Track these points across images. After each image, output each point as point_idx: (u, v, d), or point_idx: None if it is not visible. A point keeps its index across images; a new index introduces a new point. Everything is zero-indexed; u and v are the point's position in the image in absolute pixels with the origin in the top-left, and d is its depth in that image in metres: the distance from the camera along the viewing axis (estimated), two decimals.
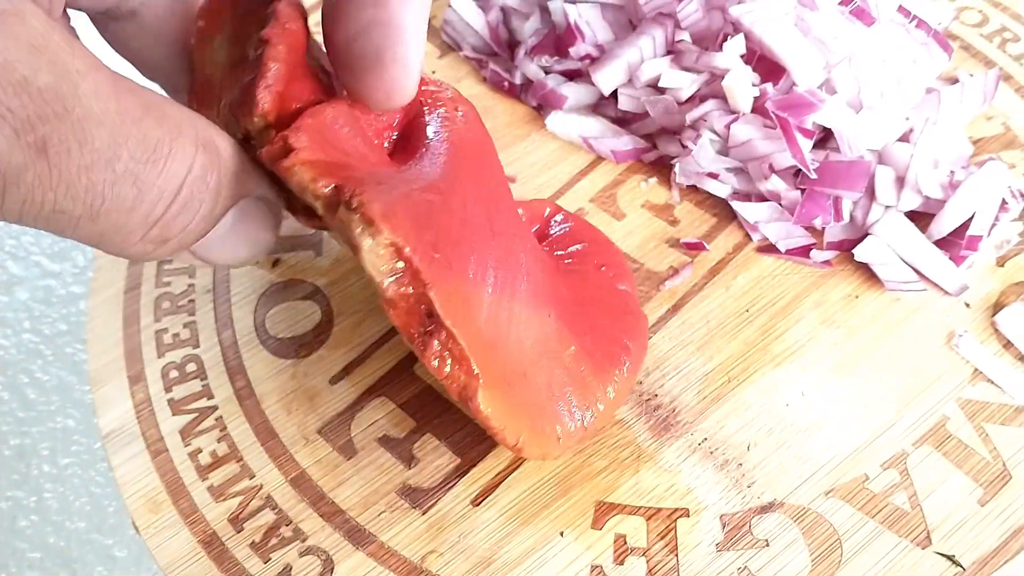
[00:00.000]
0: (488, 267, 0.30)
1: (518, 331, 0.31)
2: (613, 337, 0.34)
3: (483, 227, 0.30)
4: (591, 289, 0.35)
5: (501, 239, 0.31)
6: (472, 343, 0.29)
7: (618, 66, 0.43)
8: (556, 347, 0.32)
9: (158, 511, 0.35)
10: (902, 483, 0.34)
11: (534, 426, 0.31)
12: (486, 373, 0.29)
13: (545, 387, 0.32)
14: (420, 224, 0.28)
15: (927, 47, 0.42)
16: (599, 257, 0.37)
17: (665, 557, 0.33)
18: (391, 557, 0.33)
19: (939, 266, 0.38)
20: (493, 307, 0.30)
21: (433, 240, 0.28)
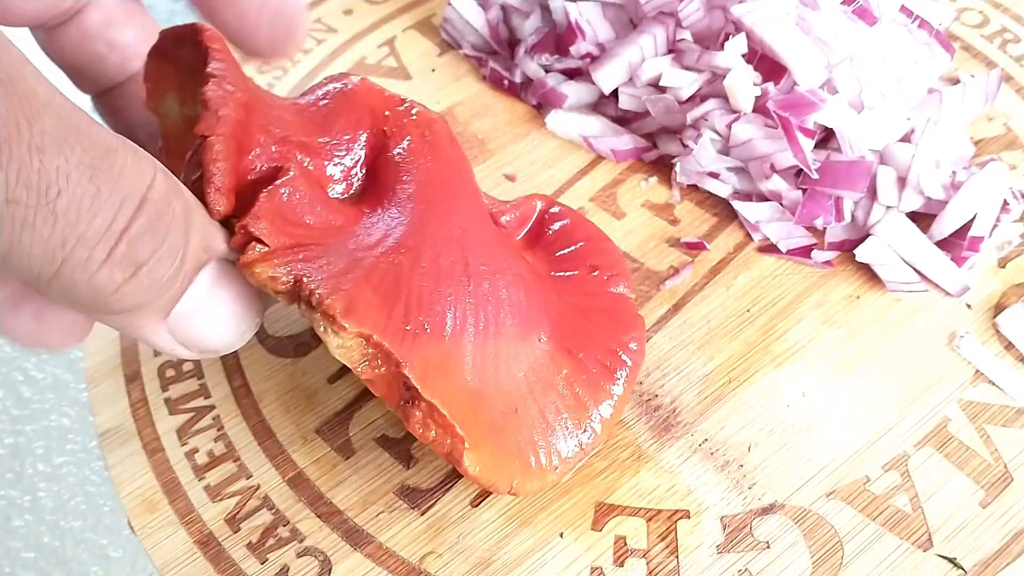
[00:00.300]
0: (467, 316, 0.30)
1: (507, 367, 0.31)
2: (608, 348, 0.33)
3: (458, 274, 0.30)
4: (584, 296, 0.34)
5: (479, 279, 0.30)
6: (454, 407, 0.29)
7: (619, 65, 0.43)
8: (548, 373, 0.32)
9: (154, 511, 0.34)
10: (903, 485, 0.33)
11: (528, 464, 0.31)
12: (472, 432, 0.29)
13: (539, 418, 0.31)
14: (388, 301, 0.28)
15: (929, 47, 0.42)
16: (593, 258, 0.36)
17: (665, 559, 0.32)
18: (389, 558, 0.33)
19: (940, 267, 0.38)
20: (477, 355, 0.30)
21: (403, 312, 0.28)
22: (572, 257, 0.35)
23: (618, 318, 0.34)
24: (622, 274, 0.36)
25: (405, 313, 0.28)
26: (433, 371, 0.28)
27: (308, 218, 0.29)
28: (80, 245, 0.21)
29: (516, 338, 0.31)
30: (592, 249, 0.36)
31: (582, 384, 0.32)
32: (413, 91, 0.47)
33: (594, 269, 0.35)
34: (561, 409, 0.31)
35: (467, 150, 0.44)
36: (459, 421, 0.29)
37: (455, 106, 0.46)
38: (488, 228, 0.33)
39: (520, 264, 0.33)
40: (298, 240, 0.28)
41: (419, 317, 0.28)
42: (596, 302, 0.34)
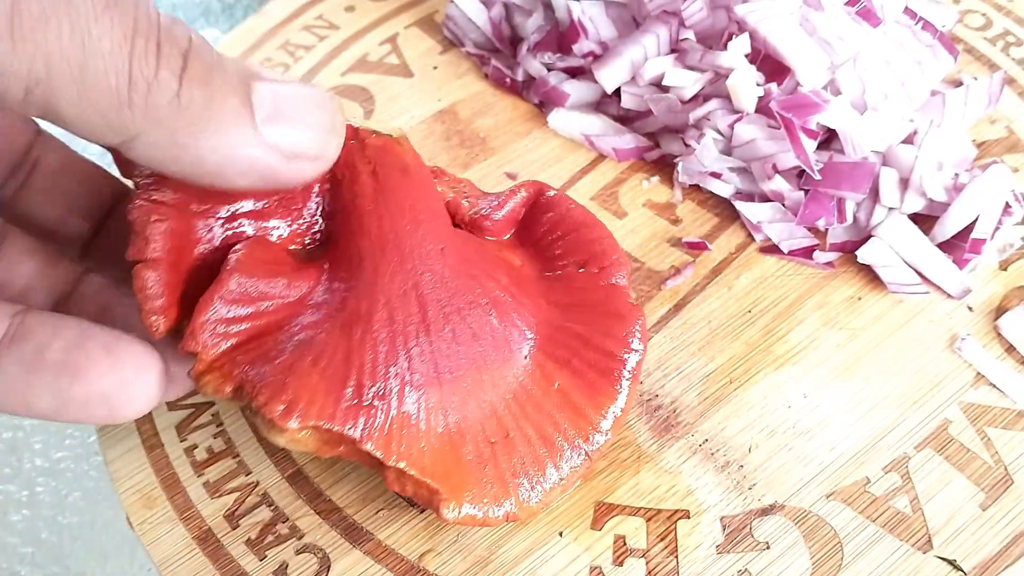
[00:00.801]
0: (427, 368, 0.30)
1: (489, 395, 0.31)
2: (601, 348, 0.32)
3: (415, 327, 0.30)
4: (574, 294, 0.33)
5: (440, 324, 0.30)
6: (428, 459, 0.29)
7: (621, 64, 0.43)
8: (538, 389, 0.31)
9: (153, 506, 0.34)
10: (903, 487, 0.33)
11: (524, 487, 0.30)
12: (451, 478, 0.29)
13: (535, 437, 0.31)
14: (336, 382, 0.28)
15: (932, 49, 0.42)
16: (579, 251, 0.34)
17: (665, 559, 0.32)
18: (388, 556, 0.33)
19: (942, 269, 0.38)
20: (448, 399, 0.30)
21: (355, 388, 0.29)
22: (562, 253, 0.34)
23: (611, 313, 0.33)
24: (612, 264, 0.34)
25: (357, 388, 0.29)
26: (396, 436, 0.29)
27: (259, 304, 0.29)
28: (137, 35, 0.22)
29: (494, 365, 0.31)
30: (579, 240, 0.34)
31: (579, 392, 0.32)
32: (415, 88, 0.47)
33: (583, 264, 0.34)
34: (559, 421, 0.31)
35: (468, 148, 0.44)
36: (434, 473, 0.29)
37: (457, 104, 0.46)
38: (453, 256, 0.31)
39: (498, 281, 0.32)
40: (246, 336, 0.29)
41: (372, 388, 0.29)
42: (587, 299, 0.33)
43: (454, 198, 0.33)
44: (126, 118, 0.23)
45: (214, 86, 0.24)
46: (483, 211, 0.34)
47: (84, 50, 0.22)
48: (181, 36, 0.23)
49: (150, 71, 0.22)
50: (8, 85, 0.21)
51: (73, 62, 0.22)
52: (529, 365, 0.32)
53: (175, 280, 0.29)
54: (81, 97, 0.22)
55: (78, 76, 0.22)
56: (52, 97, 0.22)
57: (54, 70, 0.21)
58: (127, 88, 0.22)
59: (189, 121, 0.23)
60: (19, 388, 0.26)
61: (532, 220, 0.34)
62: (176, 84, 0.23)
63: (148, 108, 0.23)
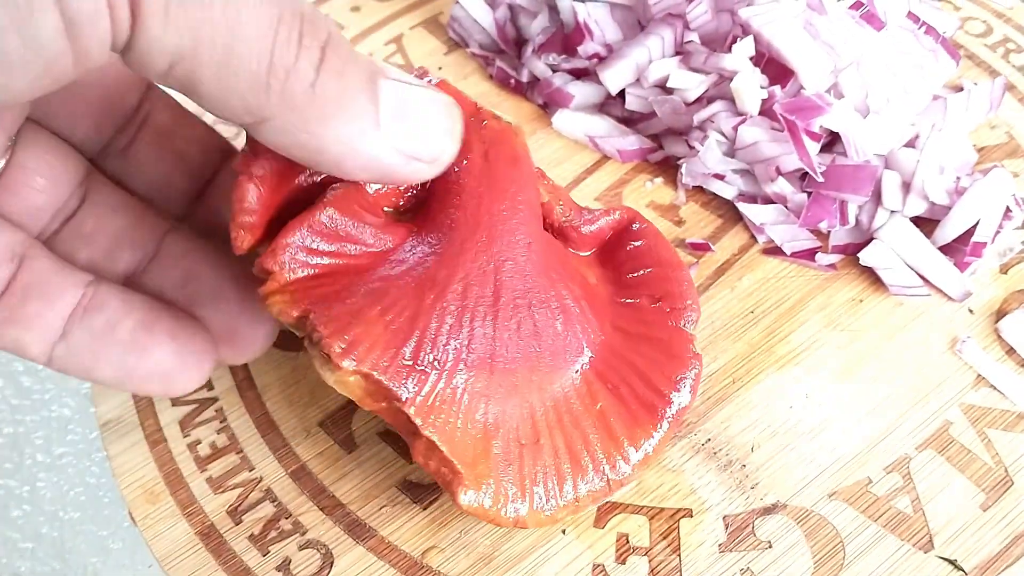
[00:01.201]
0: (484, 352, 0.30)
1: (533, 397, 0.31)
2: (652, 384, 0.32)
3: (484, 309, 0.30)
4: (641, 326, 0.33)
5: (508, 313, 0.30)
6: (460, 441, 0.29)
7: (626, 65, 0.43)
8: (581, 405, 0.31)
9: (155, 502, 0.34)
10: (905, 487, 0.34)
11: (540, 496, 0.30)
12: (475, 467, 0.29)
13: (563, 449, 0.31)
14: (397, 338, 0.28)
15: (935, 53, 0.42)
16: (658, 287, 0.34)
17: (667, 557, 0.32)
18: (391, 552, 0.33)
19: (943, 272, 0.38)
20: (494, 388, 0.30)
21: (414, 349, 0.29)
22: (638, 283, 0.34)
23: (672, 354, 0.32)
24: (686, 308, 0.33)
25: (415, 350, 0.29)
26: (437, 408, 0.29)
27: (344, 244, 0.30)
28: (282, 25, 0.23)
29: (546, 369, 0.31)
30: (659, 277, 0.34)
31: (618, 418, 0.31)
32: None
33: (657, 300, 0.33)
34: (591, 441, 0.31)
35: None
36: (462, 456, 0.29)
37: None
38: (538, 252, 0.31)
39: (571, 290, 0.32)
40: (324, 270, 0.29)
41: (430, 354, 0.29)
42: (652, 334, 0.33)
43: (549, 202, 0.33)
44: (262, 101, 0.23)
45: (346, 80, 0.25)
46: (573, 221, 0.34)
47: (231, 33, 0.22)
48: (322, 28, 0.24)
49: (290, 59, 0.23)
50: (154, 57, 0.22)
51: (219, 43, 0.22)
52: (578, 380, 0.32)
53: (271, 201, 0.29)
54: (221, 77, 0.23)
55: (222, 57, 0.22)
56: (193, 74, 0.22)
57: (200, 48, 0.22)
58: (267, 73, 0.23)
59: (319, 111, 0.24)
60: (85, 356, 0.28)
61: (617, 244, 0.34)
62: (313, 75, 0.24)
63: (284, 94, 0.23)
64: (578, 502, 0.31)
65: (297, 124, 0.24)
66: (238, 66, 0.23)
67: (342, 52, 0.25)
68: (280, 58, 0.23)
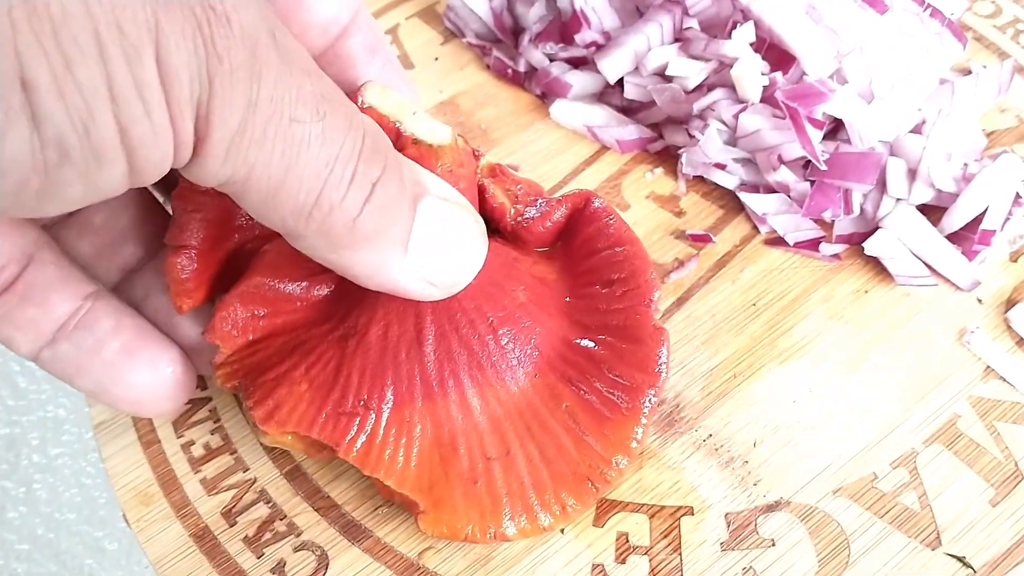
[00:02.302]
0: (418, 383, 0.30)
1: (492, 411, 0.31)
2: (612, 376, 0.31)
3: (410, 342, 0.30)
4: (599, 315, 0.32)
5: (438, 339, 0.30)
6: (406, 476, 0.30)
7: (624, 54, 0.42)
8: (545, 410, 0.31)
9: (149, 503, 0.34)
10: (911, 482, 0.33)
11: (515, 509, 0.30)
12: (434, 491, 0.30)
13: (539, 458, 0.30)
14: (323, 391, 0.30)
15: (940, 36, 0.41)
16: (612, 268, 0.32)
17: (668, 556, 0.32)
18: (388, 553, 0.32)
19: (951, 261, 0.38)
20: (441, 412, 0.30)
21: (339, 397, 0.30)
22: (593, 269, 0.33)
23: (633, 337, 0.31)
24: (640, 286, 0.32)
25: (341, 398, 0.30)
26: (377, 446, 0.30)
27: (278, 304, 0.31)
28: (338, 164, 0.23)
29: (494, 382, 0.31)
30: (610, 259, 0.32)
31: (588, 416, 0.31)
32: (416, 80, 0.46)
33: (611, 283, 0.32)
34: (566, 444, 0.31)
35: (470, 139, 0.43)
36: (415, 485, 0.30)
37: (458, 95, 0.45)
38: None
39: (514, 297, 0.31)
40: (263, 333, 0.31)
41: (358, 398, 0.30)
42: (610, 322, 0.32)
43: (500, 205, 0.32)
44: (300, 227, 0.24)
45: (388, 215, 0.25)
46: (524, 222, 0.32)
47: (286, 171, 0.23)
48: (379, 160, 0.24)
49: (338, 197, 0.24)
50: (206, 179, 0.22)
51: (273, 178, 0.22)
52: (539, 383, 0.31)
53: (206, 265, 0.30)
54: (267, 202, 0.23)
55: (272, 189, 0.23)
56: (243, 194, 0.23)
57: (253, 179, 0.22)
58: (312, 206, 0.23)
59: (353, 241, 0.25)
60: (68, 366, 0.29)
61: (574, 232, 0.33)
62: (357, 212, 0.24)
63: (324, 225, 0.24)
64: (565, 509, 0.30)
65: (329, 246, 0.25)
66: (285, 197, 0.23)
67: (390, 188, 0.25)
68: (328, 196, 0.23)
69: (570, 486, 0.31)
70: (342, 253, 0.25)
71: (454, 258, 0.28)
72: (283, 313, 0.32)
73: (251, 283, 0.31)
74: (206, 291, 0.31)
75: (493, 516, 0.30)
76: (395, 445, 0.30)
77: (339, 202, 0.24)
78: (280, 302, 0.32)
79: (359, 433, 0.30)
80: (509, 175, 0.33)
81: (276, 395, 0.30)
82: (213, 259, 0.31)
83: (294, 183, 0.23)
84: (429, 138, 0.30)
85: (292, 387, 0.30)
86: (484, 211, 0.32)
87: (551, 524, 0.30)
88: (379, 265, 0.26)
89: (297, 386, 0.30)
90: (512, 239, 0.33)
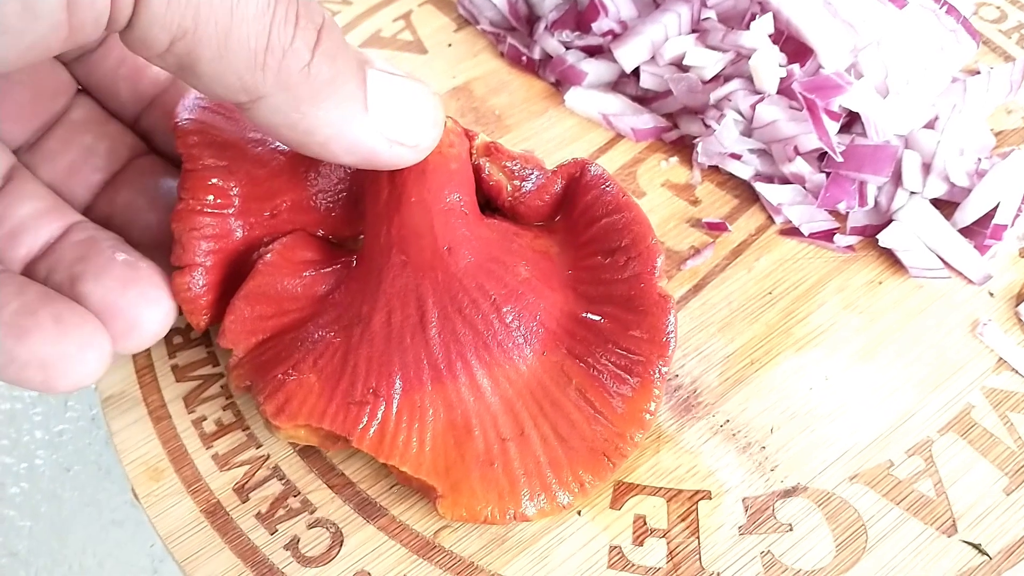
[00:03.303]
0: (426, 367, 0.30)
1: (505, 392, 0.31)
2: (618, 348, 0.31)
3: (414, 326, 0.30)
4: (603, 285, 0.32)
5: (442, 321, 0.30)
6: (422, 461, 0.30)
7: (641, 43, 0.42)
8: (556, 387, 0.31)
9: (159, 479, 0.33)
10: (927, 470, 0.33)
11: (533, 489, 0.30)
12: (451, 475, 0.30)
13: (554, 437, 0.30)
14: (331, 382, 0.30)
15: (955, 34, 0.42)
16: (612, 237, 0.32)
17: (686, 539, 0.32)
18: (402, 531, 0.32)
19: (963, 254, 0.38)
20: (452, 394, 0.30)
21: (347, 387, 0.30)
22: (590, 240, 0.32)
23: (638, 308, 0.31)
24: (643, 253, 0.31)
25: (349, 387, 0.30)
26: (390, 432, 0.30)
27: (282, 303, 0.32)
28: (279, 5, 0.24)
29: (503, 361, 0.31)
30: (610, 227, 0.32)
31: (597, 390, 0.31)
32: (429, 66, 0.46)
33: (611, 252, 0.31)
34: (578, 421, 0.30)
35: (483, 125, 0.43)
36: (431, 470, 0.30)
37: (471, 81, 0.45)
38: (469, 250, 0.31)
39: (516, 274, 0.31)
40: (271, 332, 0.32)
41: (367, 386, 0.30)
42: (614, 292, 0.31)
43: (498, 182, 0.32)
44: (258, 79, 0.24)
45: (338, 64, 0.25)
46: (521, 197, 0.32)
47: (231, 12, 0.23)
48: (317, 11, 0.25)
49: (287, 39, 0.24)
50: (155, 34, 0.22)
51: (220, 22, 0.23)
52: (548, 360, 0.31)
53: (216, 279, 0.31)
54: (221, 55, 0.23)
55: (222, 35, 0.23)
56: (193, 51, 0.23)
57: (201, 26, 0.22)
58: (264, 51, 0.24)
59: (312, 92, 0.25)
60: None
61: (572, 203, 0.32)
62: (308, 56, 0.24)
63: (280, 73, 0.24)
64: (583, 486, 0.30)
65: (290, 104, 0.25)
66: (236, 44, 0.23)
67: (335, 37, 0.25)
68: (277, 37, 0.24)
69: (587, 462, 0.30)
70: (305, 112, 0.25)
71: (413, 116, 0.28)
72: (289, 312, 0.32)
73: (255, 284, 0.31)
74: (219, 306, 0.32)
75: (512, 497, 0.30)
76: (408, 431, 0.30)
77: (289, 44, 0.24)
78: (285, 301, 0.32)
79: (371, 421, 0.30)
80: (505, 151, 0.33)
81: (286, 389, 0.30)
82: (219, 275, 0.32)
83: (241, 26, 0.23)
84: None
85: (301, 380, 0.30)
86: (481, 190, 0.33)
87: (570, 502, 0.30)
88: (342, 122, 0.26)
89: (306, 378, 0.30)
90: (512, 215, 0.33)
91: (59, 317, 0.27)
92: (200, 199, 0.31)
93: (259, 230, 0.32)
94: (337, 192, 0.33)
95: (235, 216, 0.32)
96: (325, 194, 0.33)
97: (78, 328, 0.27)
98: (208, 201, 0.31)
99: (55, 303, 0.27)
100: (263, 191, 0.32)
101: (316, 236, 0.33)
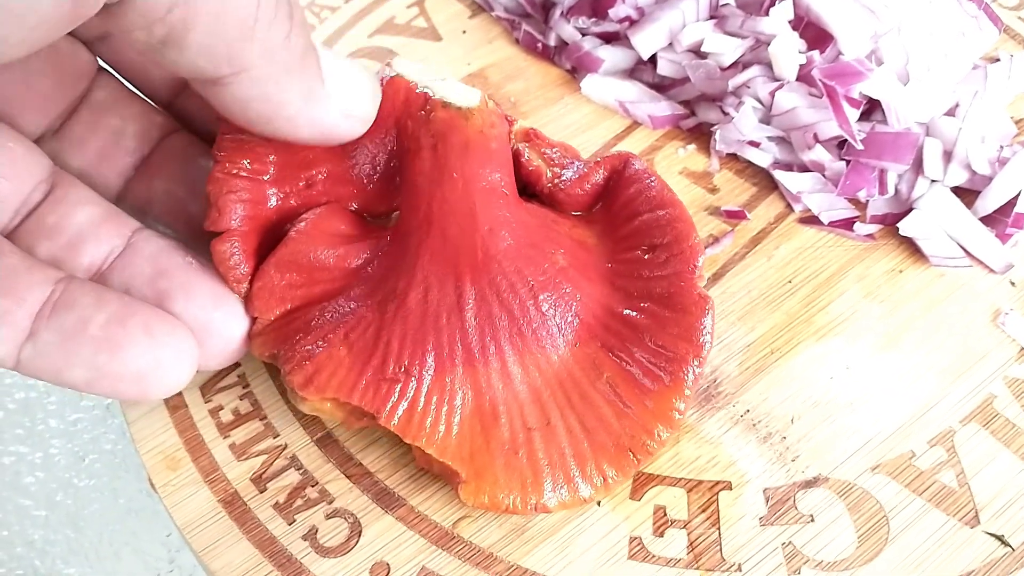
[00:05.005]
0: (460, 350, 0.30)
1: (534, 380, 0.30)
2: (654, 346, 0.31)
3: (450, 307, 0.30)
4: (642, 281, 0.31)
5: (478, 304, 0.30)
6: (448, 445, 0.29)
7: (658, 29, 0.42)
8: (586, 379, 0.31)
9: (176, 468, 0.33)
10: (949, 460, 0.33)
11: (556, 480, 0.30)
12: (476, 461, 0.29)
13: (580, 429, 0.30)
14: (362, 357, 0.29)
15: (977, 20, 0.41)
16: (652, 235, 0.32)
17: (707, 530, 0.31)
18: (421, 522, 0.32)
19: (985, 243, 0.37)
20: (482, 378, 0.30)
21: (380, 363, 0.29)
22: (631, 234, 0.32)
23: (677, 306, 0.31)
24: (684, 251, 0.31)
25: (382, 364, 0.29)
26: (419, 414, 0.29)
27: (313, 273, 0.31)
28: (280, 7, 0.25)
29: (535, 349, 0.30)
30: (652, 222, 0.32)
31: (629, 386, 0.30)
32: (444, 53, 0.46)
33: (654, 248, 0.31)
34: (607, 415, 0.30)
35: None
36: (456, 454, 0.29)
37: (486, 68, 0.45)
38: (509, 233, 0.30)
39: (554, 261, 0.31)
40: (300, 301, 0.31)
41: (399, 364, 0.29)
42: (653, 289, 0.31)
43: (537, 167, 0.32)
44: (246, 49, 0.24)
45: (308, 40, 0.26)
46: (560, 184, 0.32)
47: None
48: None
49: (271, 11, 0.24)
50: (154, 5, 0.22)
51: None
52: (580, 352, 0.31)
53: (252, 246, 0.30)
54: (214, 24, 0.23)
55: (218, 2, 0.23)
56: (188, 19, 0.23)
57: None
58: (253, 20, 0.24)
59: (289, 64, 0.25)
60: (55, 357, 0.26)
61: (613, 195, 0.32)
62: (288, 26, 0.25)
63: (265, 43, 0.25)
64: (606, 480, 0.30)
65: (271, 75, 0.25)
66: (229, 13, 0.23)
67: (302, 11, 0.26)
68: (264, 9, 0.24)
69: (611, 457, 0.30)
70: (281, 82, 0.26)
71: (361, 91, 0.29)
72: (320, 283, 0.31)
73: (287, 251, 0.30)
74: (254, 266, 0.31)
75: (534, 487, 0.30)
76: (436, 413, 0.29)
77: (273, 16, 0.25)
78: (316, 271, 0.31)
79: (400, 399, 0.29)
80: (544, 139, 0.33)
81: (316, 360, 0.29)
82: (255, 243, 0.31)
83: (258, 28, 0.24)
84: (459, 101, 0.30)
85: (331, 352, 0.29)
86: (520, 175, 0.32)
87: (591, 495, 0.30)
88: (308, 95, 0.27)
89: (336, 351, 0.29)
90: (549, 202, 0.33)
91: (149, 327, 0.27)
92: (236, 162, 0.30)
93: (294, 199, 0.31)
94: (374, 165, 0.32)
95: (270, 183, 0.30)
96: (362, 167, 0.32)
97: (169, 336, 0.27)
98: (244, 165, 0.30)
99: (140, 312, 0.27)
100: (300, 160, 0.31)
101: (350, 210, 0.32)
